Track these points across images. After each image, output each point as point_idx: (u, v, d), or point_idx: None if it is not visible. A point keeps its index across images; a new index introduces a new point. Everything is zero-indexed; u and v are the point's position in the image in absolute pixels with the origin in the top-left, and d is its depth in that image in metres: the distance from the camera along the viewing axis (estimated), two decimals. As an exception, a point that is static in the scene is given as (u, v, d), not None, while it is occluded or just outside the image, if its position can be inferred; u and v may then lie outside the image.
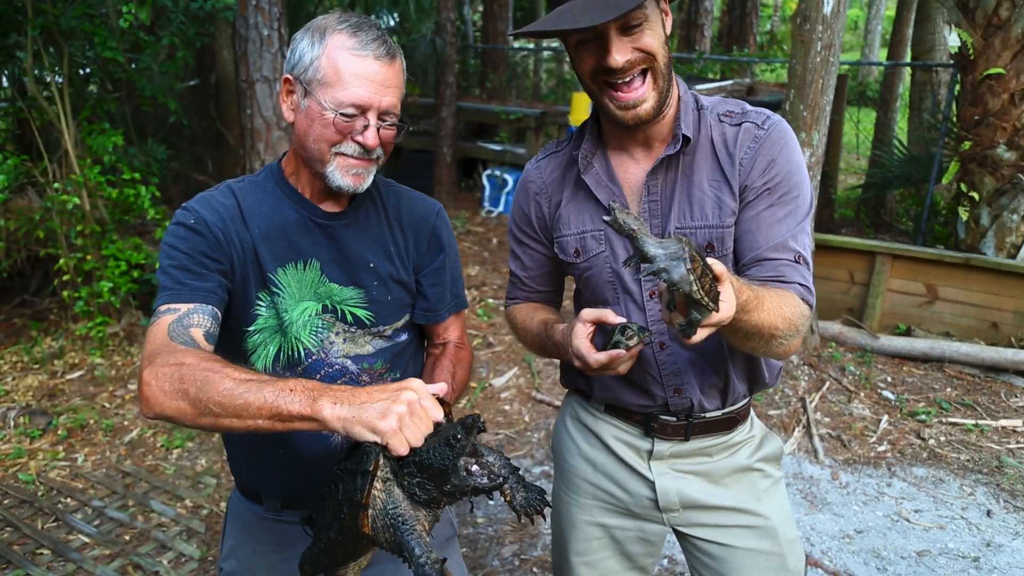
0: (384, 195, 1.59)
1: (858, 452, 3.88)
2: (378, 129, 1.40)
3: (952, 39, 5.53)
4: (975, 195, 5.49)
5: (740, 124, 1.46)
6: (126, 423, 4.19)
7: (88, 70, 5.64)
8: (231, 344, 1.51)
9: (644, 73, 1.36)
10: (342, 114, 1.36)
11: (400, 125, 1.45)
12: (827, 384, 4.54)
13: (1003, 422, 4.14)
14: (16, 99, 5.30)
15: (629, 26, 1.32)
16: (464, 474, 1.12)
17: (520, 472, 1.28)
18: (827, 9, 4.16)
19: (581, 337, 1.38)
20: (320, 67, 1.36)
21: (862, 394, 4.43)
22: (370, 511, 1.12)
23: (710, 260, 1.12)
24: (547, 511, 1.72)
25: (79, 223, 4.83)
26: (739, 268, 1.47)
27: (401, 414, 1.09)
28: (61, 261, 4.87)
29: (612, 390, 1.62)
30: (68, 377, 4.70)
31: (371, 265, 1.53)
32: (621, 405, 1.63)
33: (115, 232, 5.00)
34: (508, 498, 1.27)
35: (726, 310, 1.14)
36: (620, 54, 1.32)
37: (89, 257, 4.86)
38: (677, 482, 1.62)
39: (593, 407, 1.71)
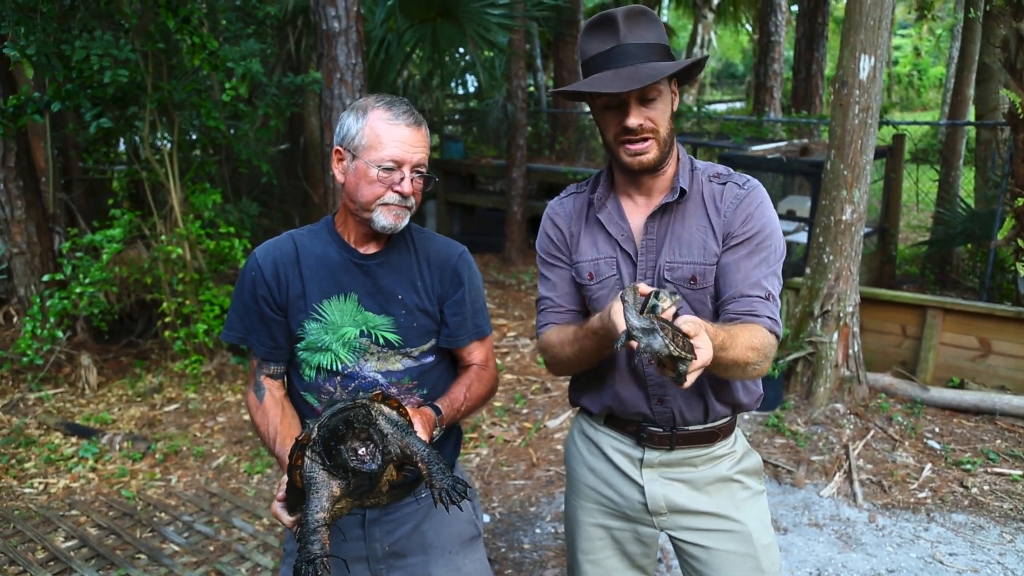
0: (415, 239, 1.93)
1: (898, 497, 3.97)
2: (412, 180, 1.76)
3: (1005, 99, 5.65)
4: (1032, 251, 5.52)
5: (725, 183, 1.79)
6: (214, 451, 4.65)
7: (194, 137, 6.36)
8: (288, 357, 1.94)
9: (650, 138, 1.70)
10: (383, 168, 1.73)
11: (428, 177, 1.82)
12: (872, 432, 4.63)
13: (1051, 474, 4.15)
14: (132, 162, 6.03)
15: (646, 98, 1.67)
16: (347, 455, 1.41)
17: (446, 467, 1.48)
18: (863, 75, 4.42)
19: (619, 308, 1.47)
20: (364, 135, 1.74)
21: (907, 443, 4.51)
22: (299, 471, 1.47)
23: (683, 320, 1.37)
24: (464, 503, 1.96)
25: (181, 271, 5.43)
26: (720, 302, 1.76)
27: None
28: (164, 305, 5.47)
29: (608, 398, 1.88)
30: (166, 409, 5.24)
31: (399, 297, 1.86)
32: (616, 414, 1.90)
33: (211, 280, 5.57)
34: (430, 486, 1.47)
35: (704, 355, 1.34)
36: (636, 118, 1.67)
37: (188, 302, 5.43)
38: (664, 488, 1.87)
39: (595, 420, 1.98)
